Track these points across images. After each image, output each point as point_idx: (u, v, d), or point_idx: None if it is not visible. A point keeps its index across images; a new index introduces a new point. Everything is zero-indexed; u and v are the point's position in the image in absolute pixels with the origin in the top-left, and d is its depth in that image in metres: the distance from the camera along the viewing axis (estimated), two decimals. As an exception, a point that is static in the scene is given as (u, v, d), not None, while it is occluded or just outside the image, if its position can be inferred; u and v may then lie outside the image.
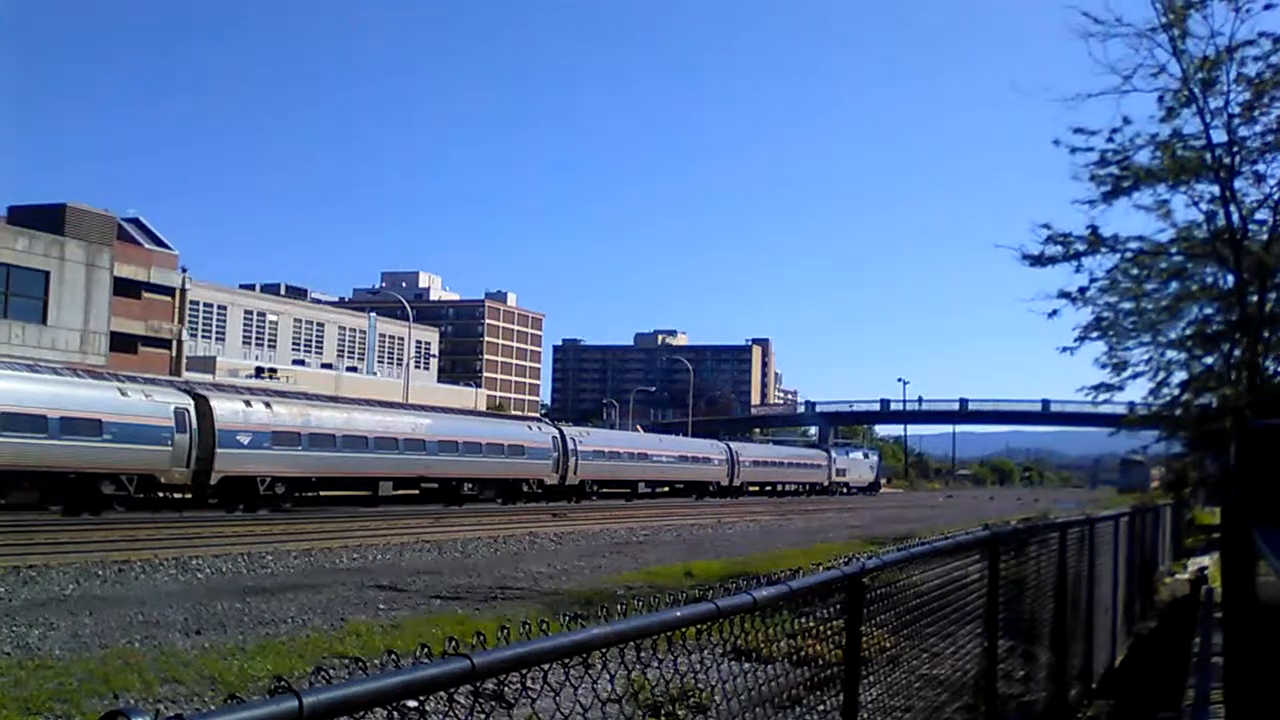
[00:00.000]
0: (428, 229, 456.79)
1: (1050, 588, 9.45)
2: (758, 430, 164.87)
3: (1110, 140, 20.73)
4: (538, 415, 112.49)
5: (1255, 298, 20.58)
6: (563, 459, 60.50)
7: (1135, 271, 22.95)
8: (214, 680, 10.84)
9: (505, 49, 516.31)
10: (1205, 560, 28.80)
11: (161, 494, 40.31)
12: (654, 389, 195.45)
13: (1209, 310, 23.74)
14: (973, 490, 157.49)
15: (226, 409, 41.12)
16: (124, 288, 61.70)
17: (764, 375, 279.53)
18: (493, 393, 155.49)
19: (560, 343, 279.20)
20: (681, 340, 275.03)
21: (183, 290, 71.71)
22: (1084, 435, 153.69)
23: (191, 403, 39.95)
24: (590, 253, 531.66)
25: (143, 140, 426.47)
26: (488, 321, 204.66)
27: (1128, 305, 23.72)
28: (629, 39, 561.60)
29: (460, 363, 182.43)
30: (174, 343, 69.03)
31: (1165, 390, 24.75)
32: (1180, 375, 24.77)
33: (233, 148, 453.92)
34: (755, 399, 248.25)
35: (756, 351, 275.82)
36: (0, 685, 10.16)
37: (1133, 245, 21.97)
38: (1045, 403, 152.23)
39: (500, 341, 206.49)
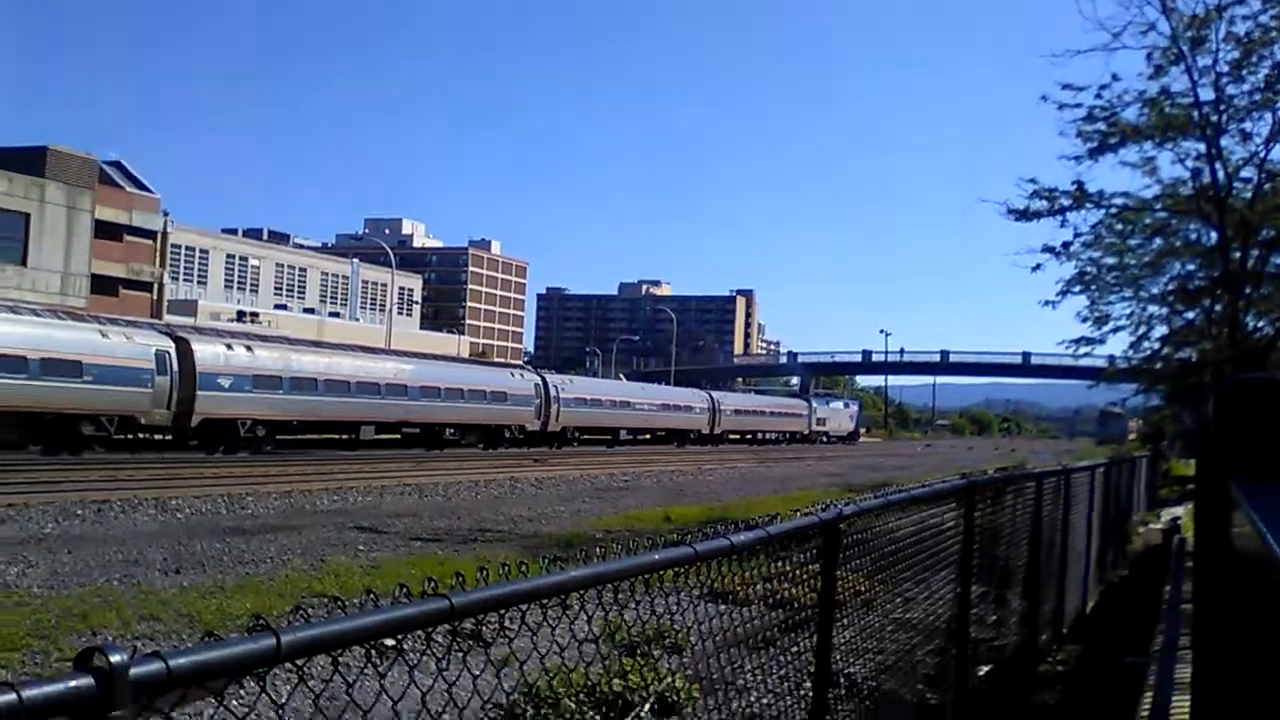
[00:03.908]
0: (412, 176, 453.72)
1: (1025, 536, 9.57)
2: (740, 380, 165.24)
3: (1098, 97, 20.68)
4: (521, 363, 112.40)
5: (1238, 254, 20.66)
6: (545, 406, 60.55)
7: (1119, 227, 22.99)
8: (192, 618, 10.87)
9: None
10: (1179, 510, 29.16)
11: (142, 435, 40.24)
12: (637, 338, 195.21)
13: (1191, 266, 23.86)
14: (951, 440, 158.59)
15: (208, 352, 40.95)
16: (105, 230, 61.26)
17: (747, 326, 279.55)
18: (476, 340, 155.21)
19: (544, 291, 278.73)
20: (665, 290, 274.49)
21: (164, 234, 71.18)
22: (1064, 388, 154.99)
23: (172, 345, 39.76)
24: (575, 202, 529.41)
25: (126, 84, 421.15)
26: (471, 269, 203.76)
27: (1111, 260, 23.79)
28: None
29: (443, 310, 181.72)
30: (155, 286, 68.62)
31: (1145, 344, 24.96)
32: (1160, 330, 24.95)
33: (216, 92, 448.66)
34: (738, 349, 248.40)
35: (740, 302, 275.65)
36: (-20, 622, 10.19)
37: (1118, 201, 22.00)
38: (1026, 355, 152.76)
39: (484, 289, 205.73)
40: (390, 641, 2.29)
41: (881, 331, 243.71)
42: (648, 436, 74.56)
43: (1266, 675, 2.84)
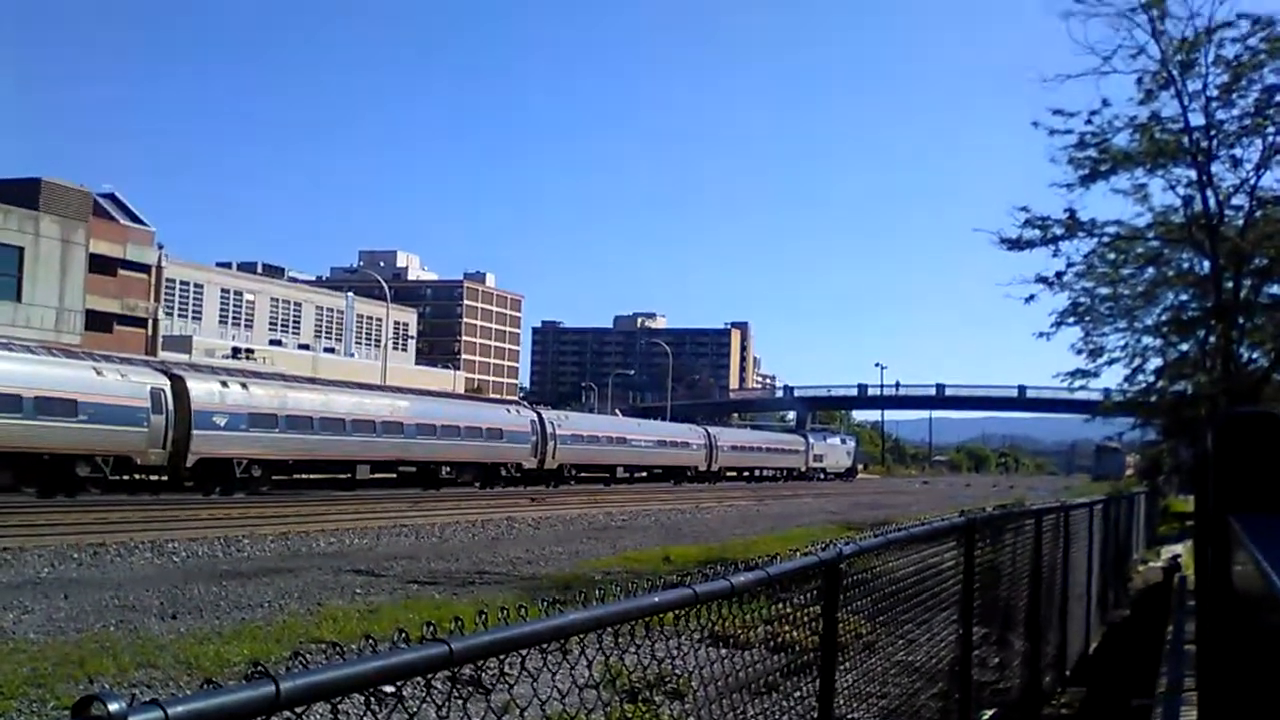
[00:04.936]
0: (406, 208, 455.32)
1: (1025, 575, 9.52)
2: (736, 415, 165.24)
3: (1089, 122, 20.78)
4: (516, 398, 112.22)
5: (1231, 284, 20.66)
6: (541, 443, 60.46)
7: (1112, 256, 23.02)
8: (190, 665, 10.80)
9: (482, 31, 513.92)
10: (1178, 548, 29.02)
11: (137, 476, 40.10)
12: (633, 372, 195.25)
13: (1185, 296, 23.85)
14: (949, 476, 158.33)
15: (203, 390, 40.91)
16: (99, 265, 61.19)
17: (743, 359, 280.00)
18: (471, 375, 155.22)
19: (539, 324, 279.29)
20: (661, 323, 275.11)
21: (159, 268, 71.17)
22: (1060, 421, 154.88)
23: (168, 383, 39.72)
24: (570, 234, 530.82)
25: (119, 117, 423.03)
26: (466, 302, 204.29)
27: (1104, 290, 23.79)
28: (604, 20, 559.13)
29: (439, 344, 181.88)
30: (150, 321, 68.53)
31: (1140, 377, 24.90)
32: (1156, 362, 24.91)
33: (210, 126, 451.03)
34: (734, 383, 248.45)
35: (735, 335, 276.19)
36: (-26, 668, 10.11)
37: (1110, 229, 22.03)
38: (1021, 388, 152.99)
39: (479, 323, 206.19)
40: (390, 688, 2.27)
41: (877, 364, 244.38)
42: (644, 474, 74.44)
43: (1272, 717, 2.81)
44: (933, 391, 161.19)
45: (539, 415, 63.15)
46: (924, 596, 6.09)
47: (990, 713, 8.10)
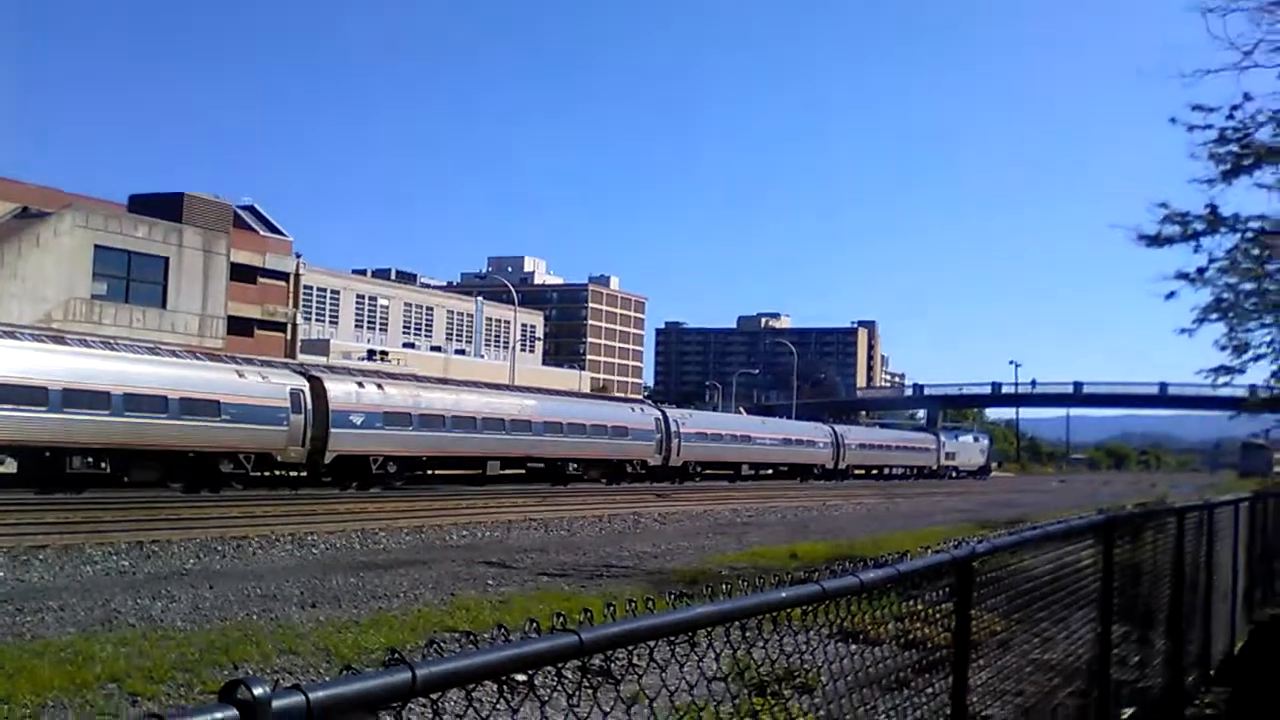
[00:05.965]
0: (532, 214, 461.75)
1: (1167, 573, 9.22)
2: (863, 413, 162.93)
3: (1230, 117, 19.94)
4: (641, 398, 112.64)
5: (1381, 278, 19.71)
6: (666, 440, 60.62)
7: (1256, 251, 22.12)
8: (329, 652, 11.10)
9: (597, 31, 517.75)
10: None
11: (277, 472, 41.39)
12: (757, 371, 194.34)
13: (1333, 291, 22.83)
14: (1087, 475, 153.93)
15: (340, 390, 42.03)
16: (240, 273, 63.16)
17: (870, 358, 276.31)
18: (596, 375, 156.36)
19: (662, 325, 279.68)
20: (784, 323, 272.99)
21: (297, 275, 73.28)
22: (1203, 419, 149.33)
23: (306, 384, 40.90)
24: (692, 235, 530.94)
25: (258, 130, 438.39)
26: (591, 305, 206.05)
27: (1249, 286, 22.87)
28: (726, 19, 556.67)
29: (564, 345, 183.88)
30: (289, 326, 70.50)
31: (1288, 372, 23.88)
32: (1304, 357, 23.86)
33: (343, 138, 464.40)
34: (861, 382, 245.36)
35: (862, 334, 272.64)
36: (125, 655, 10.55)
37: (1254, 224, 21.16)
38: (1163, 385, 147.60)
39: (603, 325, 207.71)
40: (522, 677, 2.31)
41: (1011, 362, 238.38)
42: (770, 471, 74.02)
43: None
44: (1070, 389, 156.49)
45: (663, 413, 63.29)
46: (1061, 594, 5.95)
47: (1130, 711, 7.88)
